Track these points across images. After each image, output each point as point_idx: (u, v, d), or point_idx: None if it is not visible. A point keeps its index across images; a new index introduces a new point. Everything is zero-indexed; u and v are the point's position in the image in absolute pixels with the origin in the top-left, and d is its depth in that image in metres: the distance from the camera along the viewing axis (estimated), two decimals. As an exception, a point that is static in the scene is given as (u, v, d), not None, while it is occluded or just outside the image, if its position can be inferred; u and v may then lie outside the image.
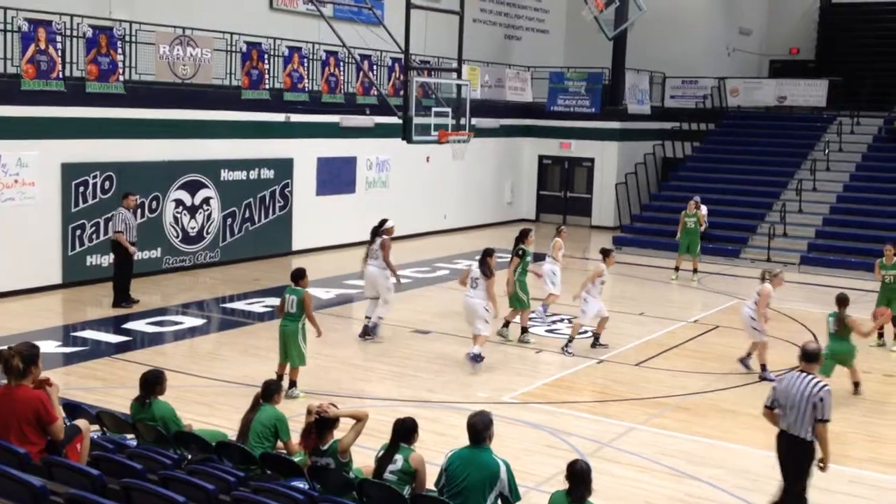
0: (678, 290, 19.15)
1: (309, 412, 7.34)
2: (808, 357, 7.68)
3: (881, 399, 12.11)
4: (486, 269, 12.66)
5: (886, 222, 21.81)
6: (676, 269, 20.02)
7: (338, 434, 7.19)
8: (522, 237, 14.29)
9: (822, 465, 7.59)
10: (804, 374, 7.56)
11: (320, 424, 7.11)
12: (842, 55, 31.86)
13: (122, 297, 15.43)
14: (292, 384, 11.03)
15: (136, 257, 16.11)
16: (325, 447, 7.08)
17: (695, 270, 19.94)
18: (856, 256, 20.95)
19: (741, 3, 33.65)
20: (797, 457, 7.51)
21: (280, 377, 11.04)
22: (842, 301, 11.97)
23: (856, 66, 30.46)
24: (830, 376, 11.26)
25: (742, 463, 9.60)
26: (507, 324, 14.40)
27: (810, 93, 28.83)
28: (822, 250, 22.15)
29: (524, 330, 14.37)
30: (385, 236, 14.09)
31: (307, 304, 11.06)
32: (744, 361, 13.08)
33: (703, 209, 23.06)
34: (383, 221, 14.42)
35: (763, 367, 12.80)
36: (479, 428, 6.47)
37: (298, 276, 11.30)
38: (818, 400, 7.37)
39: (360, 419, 7.27)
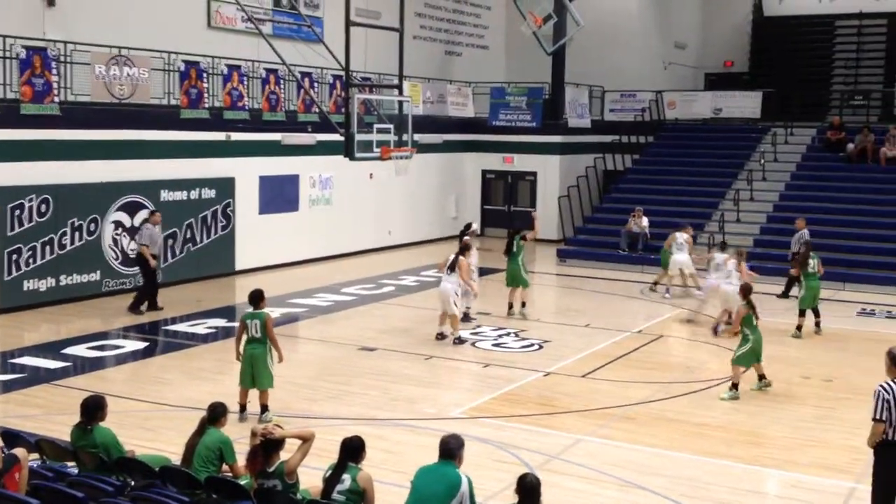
0: (623, 302, 19.35)
1: (253, 434, 7.26)
2: None
3: (821, 404, 12.36)
4: (456, 260, 15.00)
5: (821, 230, 22.30)
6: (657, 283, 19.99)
7: (284, 455, 7.12)
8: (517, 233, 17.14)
9: None
10: None
11: (266, 446, 7.04)
12: (775, 67, 32.60)
13: (140, 305, 16.56)
14: (264, 408, 10.84)
15: (74, 280, 16.98)
16: (272, 469, 7.00)
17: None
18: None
19: (676, 18, 34.28)
20: None
21: (243, 407, 10.89)
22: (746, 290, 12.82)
23: (788, 78, 31.19)
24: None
25: (687, 471, 9.71)
26: (523, 304, 17.02)
27: (745, 104, 29.43)
28: (760, 258, 22.54)
29: (523, 304, 17.06)
30: (467, 238, 16.55)
31: (269, 326, 10.90)
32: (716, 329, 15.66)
33: (644, 220, 23.43)
34: (468, 225, 17.55)
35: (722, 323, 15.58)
36: (452, 445, 6.69)
37: (258, 298, 11.03)
38: None
39: (306, 439, 7.22)
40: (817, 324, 16.34)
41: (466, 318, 16.32)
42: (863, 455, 8.01)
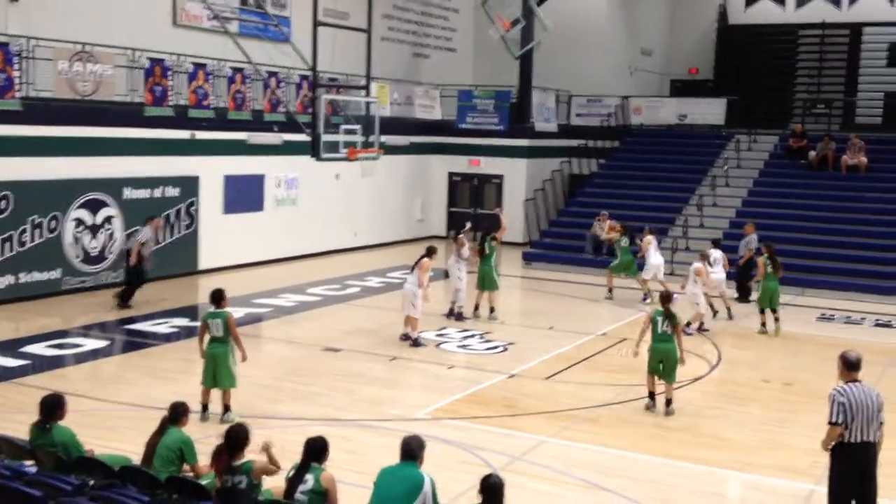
0: (587, 305, 19.45)
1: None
2: (857, 366, 7.58)
3: (781, 407, 12.51)
4: (417, 262, 15.10)
5: (783, 236, 22.58)
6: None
7: (249, 456, 7.07)
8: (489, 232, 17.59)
9: None
10: (858, 382, 7.49)
11: (231, 444, 7.00)
12: (739, 75, 32.96)
13: (129, 297, 16.96)
14: (226, 408, 10.79)
15: (34, 278, 16.78)
16: (238, 465, 6.95)
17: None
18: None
19: (643, 25, 34.56)
20: (873, 459, 7.49)
21: (205, 406, 10.80)
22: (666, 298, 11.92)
23: (752, 86, 31.55)
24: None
25: (649, 473, 9.79)
26: (492, 309, 17.12)
27: (709, 111, 29.72)
28: (723, 264, 22.75)
29: (492, 310, 17.16)
30: (461, 236, 17.33)
31: (232, 325, 10.84)
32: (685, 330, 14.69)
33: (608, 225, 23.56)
34: (464, 224, 18.91)
35: (691, 324, 15.89)
36: (413, 446, 6.73)
37: (219, 297, 10.98)
38: (882, 402, 7.47)
39: (272, 467, 7.13)
40: (776, 325, 16.57)
41: (460, 317, 16.79)
42: (822, 457, 8.11)
